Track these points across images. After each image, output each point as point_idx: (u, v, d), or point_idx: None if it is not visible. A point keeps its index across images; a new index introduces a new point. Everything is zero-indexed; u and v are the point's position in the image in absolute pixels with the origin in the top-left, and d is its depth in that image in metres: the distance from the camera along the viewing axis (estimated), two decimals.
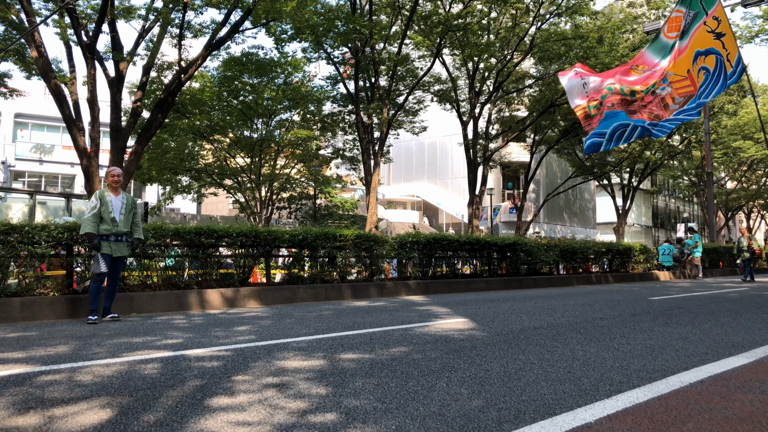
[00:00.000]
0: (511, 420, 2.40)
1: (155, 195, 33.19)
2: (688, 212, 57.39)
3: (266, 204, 25.27)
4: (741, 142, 32.49)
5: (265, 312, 7.28)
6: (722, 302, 8.46)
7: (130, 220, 6.58)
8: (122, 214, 6.49)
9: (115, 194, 6.54)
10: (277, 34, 17.04)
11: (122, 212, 6.50)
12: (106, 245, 6.32)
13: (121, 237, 6.48)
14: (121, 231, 6.43)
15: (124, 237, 6.51)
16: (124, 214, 6.51)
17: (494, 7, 20.04)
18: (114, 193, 6.53)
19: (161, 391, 2.92)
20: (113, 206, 6.44)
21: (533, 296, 9.93)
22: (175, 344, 4.46)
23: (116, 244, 6.41)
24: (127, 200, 6.60)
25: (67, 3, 11.60)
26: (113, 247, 6.38)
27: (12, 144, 31.26)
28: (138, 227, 6.69)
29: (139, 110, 14.22)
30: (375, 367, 3.52)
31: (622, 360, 3.73)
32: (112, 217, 6.38)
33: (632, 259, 18.48)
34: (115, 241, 6.41)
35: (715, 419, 2.40)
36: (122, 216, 6.48)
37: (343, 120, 24.36)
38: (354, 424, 2.36)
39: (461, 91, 24.21)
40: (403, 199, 42.25)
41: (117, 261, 6.49)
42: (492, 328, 5.38)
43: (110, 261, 6.36)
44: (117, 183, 6.56)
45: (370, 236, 10.78)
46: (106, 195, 6.46)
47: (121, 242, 6.49)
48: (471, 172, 23.38)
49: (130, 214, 6.59)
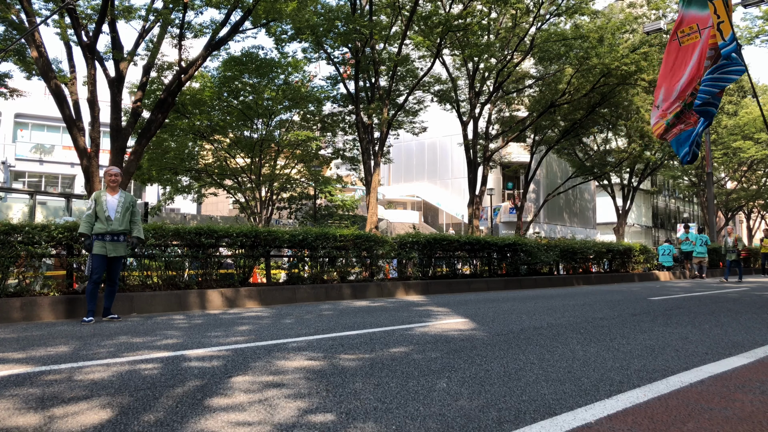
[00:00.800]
0: (512, 420, 2.40)
1: (155, 195, 33.20)
2: (688, 212, 57.39)
3: (266, 204, 25.28)
4: (741, 142, 32.50)
5: (265, 312, 7.28)
6: (722, 302, 8.46)
7: (127, 218, 6.47)
8: (118, 213, 6.39)
9: (113, 193, 6.48)
10: (278, 34, 17.05)
11: (118, 211, 6.40)
12: (101, 245, 6.26)
13: (117, 236, 6.38)
14: (116, 230, 6.34)
15: (120, 236, 6.41)
16: (120, 212, 6.41)
17: (494, 8, 20.04)
18: (111, 193, 6.48)
19: (161, 391, 2.92)
20: (108, 205, 6.38)
21: (533, 296, 9.93)
22: (175, 344, 4.46)
23: (111, 244, 6.32)
24: (125, 199, 6.51)
25: (68, 3, 11.60)
26: (108, 247, 6.30)
27: (12, 144, 31.27)
28: (137, 226, 6.58)
29: (139, 110, 14.22)
30: (375, 367, 3.52)
31: (623, 360, 3.73)
32: (106, 215, 6.32)
33: (632, 260, 18.47)
34: (111, 241, 6.32)
35: (715, 419, 2.40)
36: (118, 215, 6.38)
37: (343, 120, 24.37)
38: (354, 424, 2.36)
39: (461, 92, 24.22)
40: (403, 200, 42.25)
41: (114, 261, 6.41)
42: (492, 328, 5.38)
43: (105, 261, 6.30)
44: (114, 182, 6.51)
45: (370, 236, 10.78)
46: (103, 194, 6.44)
47: (118, 242, 6.39)
48: (471, 172, 23.38)
49: (127, 212, 6.49)
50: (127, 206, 6.49)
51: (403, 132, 26.81)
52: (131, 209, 6.56)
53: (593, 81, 21.03)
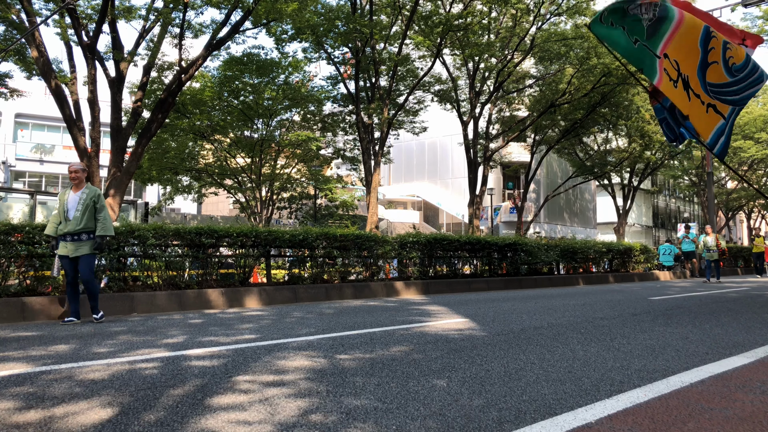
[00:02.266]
0: (512, 420, 2.40)
1: (156, 195, 33.20)
2: (689, 212, 57.37)
3: (266, 204, 25.27)
4: (741, 142, 32.46)
5: (265, 312, 7.28)
6: (722, 302, 8.46)
7: (88, 216, 6.04)
8: (77, 211, 6.01)
9: (75, 191, 6.14)
10: (278, 34, 17.05)
11: (78, 209, 6.02)
12: (63, 245, 6.01)
13: (78, 236, 6.01)
14: (72, 230, 5.98)
15: (83, 236, 6.02)
16: (80, 210, 6.01)
17: (495, 7, 20.03)
18: (75, 190, 6.14)
19: (162, 390, 2.92)
20: (69, 204, 6.06)
21: (534, 296, 9.93)
22: (175, 344, 4.46)
23: (72, 244, 5.99)
24: (86, 195, 6.08)
25: (68, 3, 11.60)
26: (69, 247, 5.99)
27: (12, 144, 31.29)
28: (101, 223, 6.09)
29: (139, 110, 14.22)
30: (375, 366, 3.52)
31: (623, 360, 3.73)
32: (66, 215, 6.03)
33: (633, 259, 18.47)
34: (71, 241, 5.99)
35: (715, 419, 2.39)
36: (77, 213, 6.00)
37: (343, 120, 24.36)
38: (354, 423, 2.36)
39: (461, 91, 24.21)
40: (403, 199, 42.26)
41: (78, 261, 6.03)
42: (492, 328, 5.38)
43: (69, 262, 6.01)
44: (75, 179, 6.14)
45: (370, 236, 10.78)
46: (66, 193, 6.16)
47: (79, 241, 6.01)
48: (471, 172, 23.38)
49: (88, 210, 6.05)
50: (87, 203, 6.06)
51: (404, 132, 26.80)
52: (94, 205, 6.11)
53: (594, 81, 21.02)
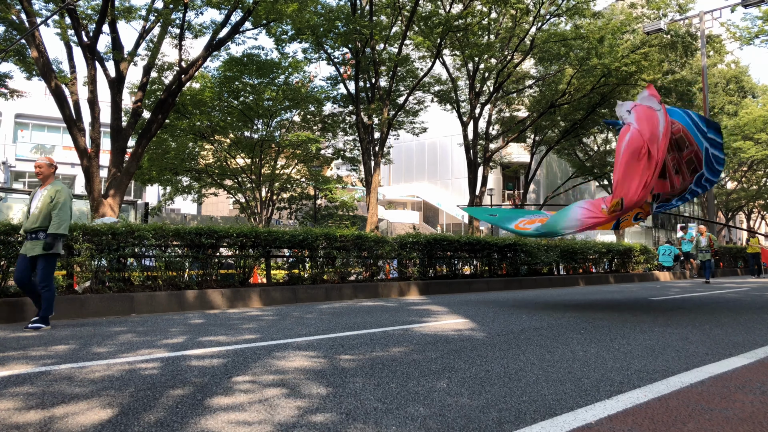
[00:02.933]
0: (512, 420, 2.40)
1: (156, 195, 33.19)
2: (689, 212, 57.37)
3: (266, 204, 25.27)
4: (741, 142, 32.46)
5: (265, 312, 7.28)
6: (722, 302, 8.46)
7: (45, 213, 5.63)
8: (36, 208, 5.65)
9: (42, 187, 5.82)
10: (278, 34, 17.05)
11: (37, 206, 5.65)
12: (25, 244, 5.72)
13: (36, 234, 5.63)
14: (29, 227, 5.64)
15: (40, 234, 5.62)
16: (39, 207, 5.63)
17: (494, 8, 20.04)
18: (42, 187, 5.82)
19: (162, 391, 2.92)
20: (33, 201, 5.76)
21: (534, 296, 9.92)
22: (175, 344, 4.46)
23: (30, 242, 5.64)
24: (47, 192, 5.68)
25: (68, 3, 11.61)
26: (27, 246, 5.65)
27: (12, 144, 31.27)
28: (55, 219, 5.58)
29: (139, 111, 14.23)
30: (375, 367, 3.52)
31: (623, 360, 3.73)
32: (28, 213, 5.74)
33: (632, 260, 18.47)
34: (30, 239, 5.65)
35: (715, 420, 2.40)
36: (36, 210, 5.64)
37: (343, 120, 24.37)
38: (354, 424, 2.36)
39: (461, 92, 24.21)
40: (403, 200, 42.26)
41: (35, 261, 5.65)
42: (492, 328, 5.38)
43: (25, 260, 5.65)
44: (39, 174, 5.80)
45: (370, 237, 10.78)
46: (35, 190, 5.88)
47: (36, 239, 5.63)
48: (471, 173, 23.39)
49: (46, 206, 5.63)
50: (46, 200, 5.65)
51: (404, 132, 26.81)
52: (53, 202, 5.65)
53: (593, 81, 21.03)
